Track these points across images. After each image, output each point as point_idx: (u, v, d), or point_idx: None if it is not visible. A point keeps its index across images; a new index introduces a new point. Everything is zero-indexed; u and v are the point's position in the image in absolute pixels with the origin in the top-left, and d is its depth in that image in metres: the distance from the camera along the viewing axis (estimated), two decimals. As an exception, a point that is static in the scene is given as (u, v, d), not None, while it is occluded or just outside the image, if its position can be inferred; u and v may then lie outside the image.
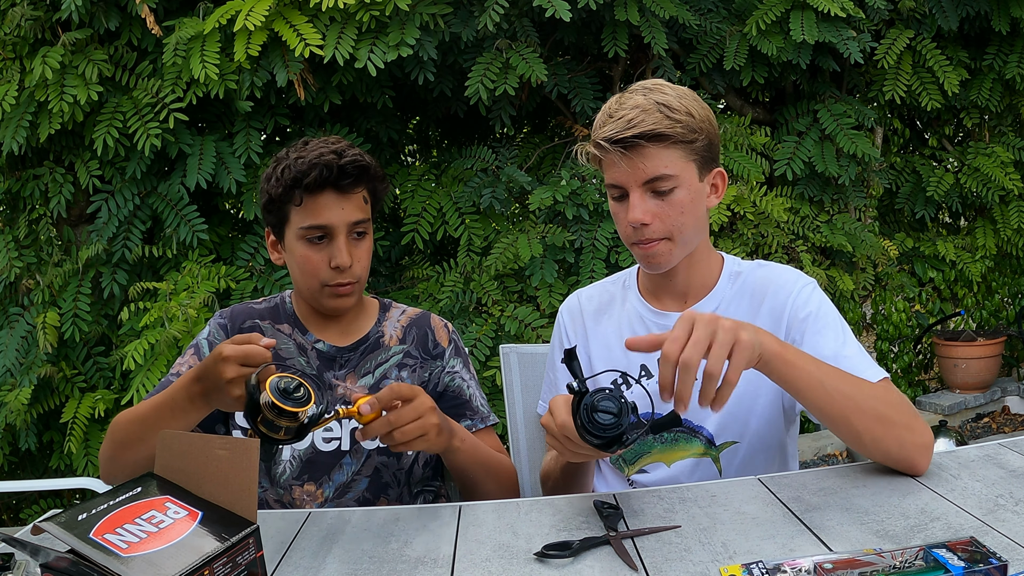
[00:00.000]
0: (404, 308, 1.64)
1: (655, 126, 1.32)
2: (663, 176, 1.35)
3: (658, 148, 1.34)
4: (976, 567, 0.83)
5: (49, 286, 3.44)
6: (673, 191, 1.36)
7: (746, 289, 1.47)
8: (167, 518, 0.97)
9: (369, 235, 1.51)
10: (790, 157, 3.90)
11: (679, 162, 1.35)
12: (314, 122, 3.54)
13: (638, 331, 1.50)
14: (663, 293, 1.51)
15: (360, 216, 1.46)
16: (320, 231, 1.44)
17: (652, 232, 1.37)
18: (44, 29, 3.30)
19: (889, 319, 4.54)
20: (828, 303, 1.42)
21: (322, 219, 1.44)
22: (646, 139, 1.33)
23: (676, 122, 1.34)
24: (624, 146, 1.33)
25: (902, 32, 4.03)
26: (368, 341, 1.56)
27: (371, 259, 1.54)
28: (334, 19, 3.06)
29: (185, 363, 1.53)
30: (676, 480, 1.47)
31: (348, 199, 1.45)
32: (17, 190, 3.54)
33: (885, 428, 1.19)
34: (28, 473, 3.75)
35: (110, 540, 0.91)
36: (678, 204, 1.37)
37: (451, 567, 1.04)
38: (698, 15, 3.71)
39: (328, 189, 1.43)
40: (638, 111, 1.33)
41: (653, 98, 1.35)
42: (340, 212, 1.44)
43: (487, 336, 3.34)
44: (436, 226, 3.61)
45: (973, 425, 4.59)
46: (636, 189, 1.36)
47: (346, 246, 1.45)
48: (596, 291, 1.62)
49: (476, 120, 4.02)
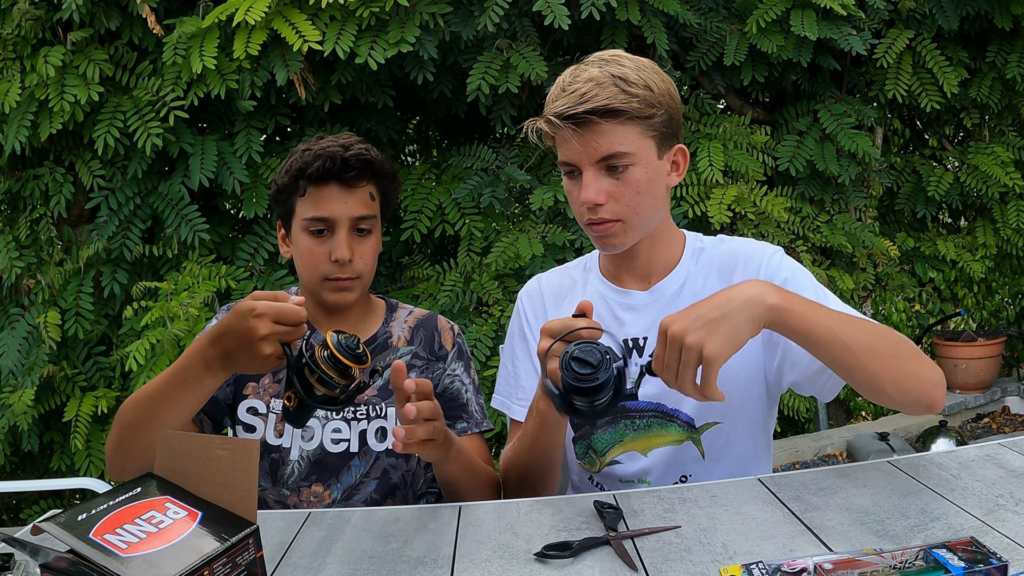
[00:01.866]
0: (411, 309, 1.63)
1: (609, 101, 1.25)
2: (617, 154, 1.28)
3: (612, 124, 1.27)
4: (976, 567, 0.83)
5: (50, 286, 3.44)
6: (628, 169, 1.29)
7: (713, 263, 1.43)
8: (167, 518, 0.96)
9: (375, 232, 1.50)
10: (791, 156, 3.90)
11: (635, 139, 1.28)
12: (314, 122, 3.54)
13: (601, 312, 1.44)
14: (624, 274, 1.46)
15: (364, 212, 1.46)
16: (322, 223, 1.44)
17: (606, 212, 1.31)
18: (44, 29, 3.30)
19: (889, 319, 4.54)
20: (799, 266, 1.39)
21: (324, 211, 1.43)
22: (599, 115, 1.26)
23: (632, 96, 1.26)
24: (575, 122, 1.26)
25: (902, 32, 4.03)
26: (377, 341, 1.55)
27: (376, 258, 1.52)
28: (334, 17, 3.06)
29: None
30: (655, 469, 1.43)
31: (352, 193, 1.44)
32: (17, 190, 3.54)
33: (900, 366, 1.18)
34: (28, 473, 3.75)
35: (110, 540, 0.91)
36: (633, 183, 1.30)
37: (451, 567, 1.04)
38: (698, 14, 3.71)
39: (332, 182, 1.43)
40: (592, 84, 1.26)
41: (609, 70, 1.28)
42: (343, 206, 1.44)
43: (487, 336, 3.34)
44: (435, 223, 3.60)
45: (973, 425, 4.59)
46: (589, 167, 1.30)
47: (347, 240, 1.44)
48: (557, 275, 1.57)
49: (476, 120, 4.01)
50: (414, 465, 1.53)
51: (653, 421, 1.42)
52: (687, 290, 1.41)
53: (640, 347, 1.42)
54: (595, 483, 1.50)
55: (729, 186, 3.62)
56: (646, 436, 1.43)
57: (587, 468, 1.50)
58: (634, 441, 1.43)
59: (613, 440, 1.45)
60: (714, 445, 1.41)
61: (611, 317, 1.45)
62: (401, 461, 1.50)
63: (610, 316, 1.45)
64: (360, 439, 1.48)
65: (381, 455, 1.49)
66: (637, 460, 1.44)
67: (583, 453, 1.49)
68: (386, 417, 1.50)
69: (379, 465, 1.49)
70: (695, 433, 1.41)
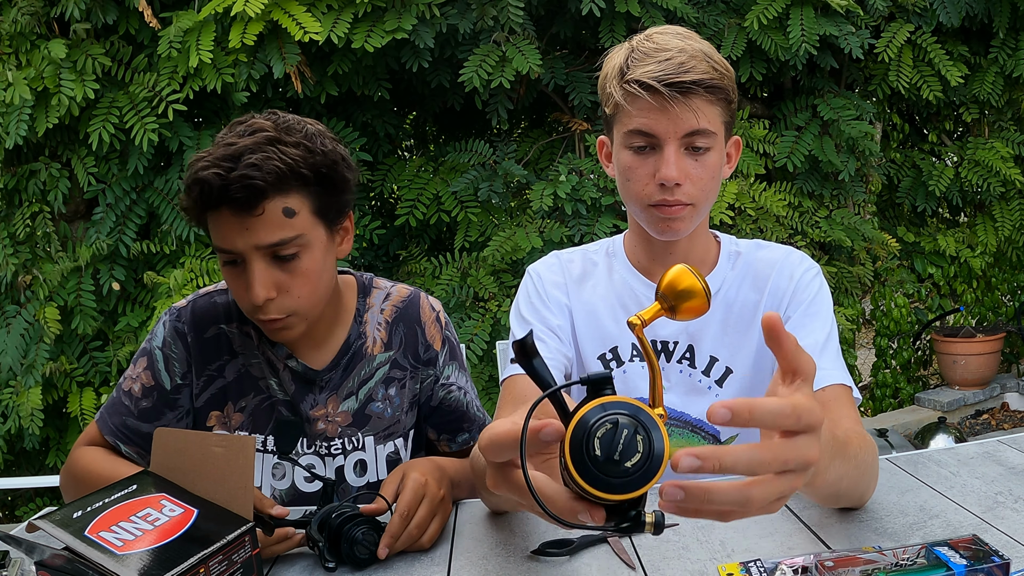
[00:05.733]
0: (388, 290, 1.40)
1: (707, 75, 1.16)
2: (704, 131, 1.18)
3: (706, 100, 1.17)
4: (978, 565, 0.82)
5: (47, 282, 3.43)
6: (707, 152, 1.20)
7: (748, 270, 1.34)
8: (163, 515, 0.96)
9: (308, 252, 1.18)
10: (790, 151, 3.89)
11: (717, 120, 1.20)
12: (311, 115, 3.51)
13: (629, 305, 1.34)
14: (658, 268, 1.33)
15: (277, 237, 1.14)
16: (229, 255, 1.16)
17: (681, 194, 1.20)
18: (41, 24, 3.29)
19: (889, 315, 4.54)
20: (828, 295, 1.33)
21: (225, 242, 1.15)
22: (703, 87, 1.16)
23: (723, 75, 1.19)
24: (678, 90, 1.15)
25: (902, 26, 4.03)
26: (349, 353, 1.33)
27: (324, 278, 1.22)
28: (331, 7, 3.05)
29: (137, 376, 1.31)
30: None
31: (254, 219, 1.12)
32: (13, 186, 3.53)
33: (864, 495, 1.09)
34: (25, 470, 3.74)
35: (105, 538, 0.91)
36: (711, 167, 1.21)
37: (448, 565, 1.03)
38: (696, 8, 3.71)
39: (223, 207, 1.13)
40: (686, 56, 1.16)
41: (692, 44, 1.18)
42: (244, 235, 1.13)
43: (484, 331, 3.34)
44: (431, 211, 3.59)
45: (972, 422, 4.59)
46: (672, 142, 1.18)
47: (263, 274, 1.15)
48: (577, 255, 1.42)
49: (473, 115, 4.01)
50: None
51: (675, 431, 1.36)
52: (721, 297, 1.33)
53: (669, 351, 1.34)
54: None
55: (728, 182, 3.62)
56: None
57: None
58: None
59: None
60: None
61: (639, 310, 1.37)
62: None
63: (638, 309, 1.34)
64: (337, 476, 1.32)
65: (362, 489, 1.32)
66: None
67: None
68: (364, 448, 1.33)
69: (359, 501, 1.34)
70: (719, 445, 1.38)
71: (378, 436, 1.34)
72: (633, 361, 1.34)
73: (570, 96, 3.66)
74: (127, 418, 1.29)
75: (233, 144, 1.13)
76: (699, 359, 1.34)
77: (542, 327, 1.34)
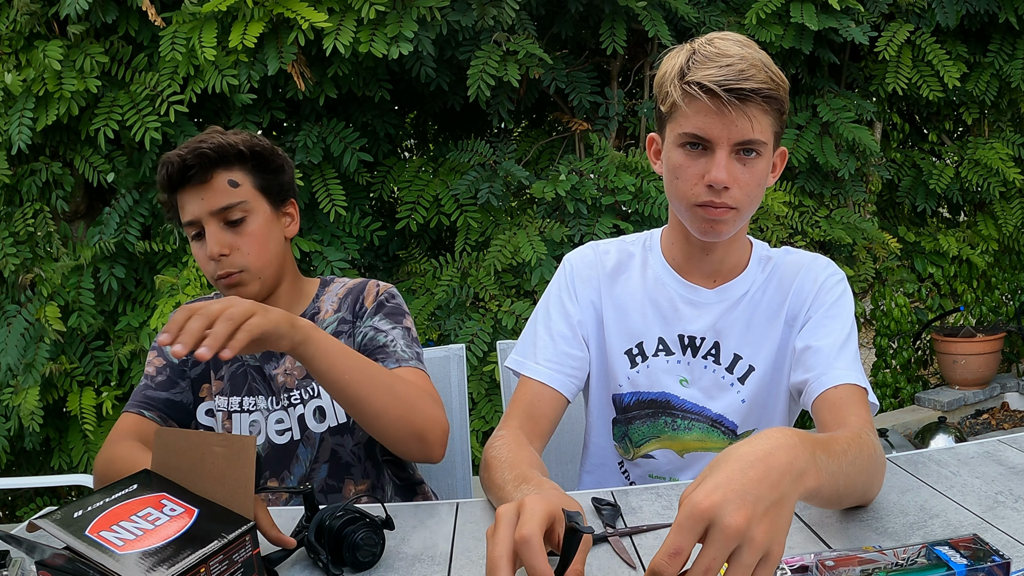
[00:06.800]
0: (346, 281, 1.58)
1: (765, 85, 1.20)
2: (755, 141, 1.22)
3: (761, 109, 1.21)
4: (978, 565, 0.82)
5: (47, 281, 3.43)
6: (756, 159, 1.24)
7: (775, 275, 1.39)
8: (163, 515, 0.96)
9: (255, 217, 1.43)
10: (790, 150, 3.89)
11: (768, 130, 1.23)
12: (311, 116, 3.53)
13: (659, 300, 1.40)
14: (693, 267, 1.39)
15: (225, 201, 1.40)
16: (194, 227, 1.42)
17: (728, 197, 1.23)
18: (40, 23, 3.29)
19: (889, 314, 4.54)
20: (850, 301, 1.36)
21: (188, 214, 1.42)
22: (761, 96, 1.19)
23: (779, 86, 1.22)
24: (737, 96, 1.18)
25: (902, 25, 4.03)
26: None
27: (271, 244, 1.45)
28: (333, 10, 3.05)
29: (151, 362, 1.53)
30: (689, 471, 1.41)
31: (206, 187, 1.40)
32: (14, 185, 3.53)
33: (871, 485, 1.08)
34: (26, 470, 3.74)
35: (106, 537, 0.91)
36: (758, 174, 1.25)
37: (448, 564, 1.03)
38: (696, 8, 3.71)
39: (186, 185, 1.41)
40: (747, 64, 1.19)
41: (752, 53, 1.21)
42: (200, 203, 1.40)
43: (484, 332, 3.34)
44: (432, 214, 3.59)
45: (972, 421, 4.59)
46: (725, 147, 1.21)
47: (216, 235, 1.40)
48: (613, 246, 1.47)
49: (473, 115, 4.00)
50: (362, 437, 1.48)
51: (695, 424, 1.40)
52: (749, 298, 1.38)
53: (696, 347, 1.39)
54: (623, 470, 1.48)
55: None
56: (685, 437, 1.41)
57: (621, 453, 1.47)
58: (671, 440, 1.41)
59: (650, 434, 1.42)
60: None
61: (670, 307, 1.40)
62: (347, 438, 1.47)
63: (669, 305, 1.39)
64: (300, 424, 1.46)
65: (325, 435, 1.46)
66: (673, 459, 1.42)
67: (620, 437, 1.46)
68: (320, 396, 1.47)
69: (325, 447, 1.47)
70: (737, 440, 1.40)
71: None
72: (658, 356, 1.40)
73: (570, 96, 3.66)
74: (147, 391, 1.50)
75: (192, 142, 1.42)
76: (724, 356, 1.38)
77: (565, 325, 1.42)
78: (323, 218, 3.46)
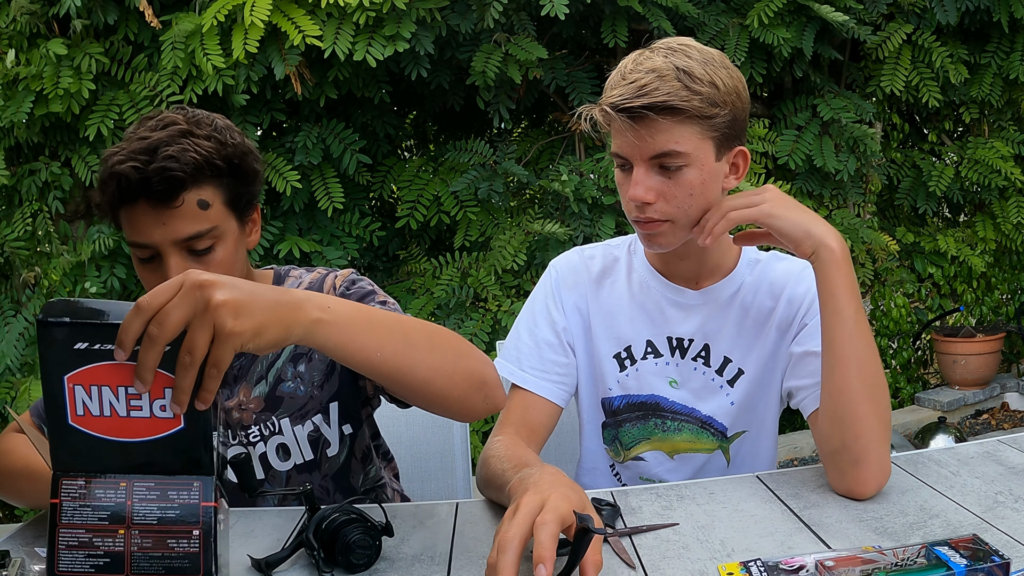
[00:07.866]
0: (301, 278, 1.36)
1: (668, 97, 1.16)
2: (671, 152, 1.19)
3: (670, 122, 1.18)
4: (978, 565, 0.82)
5: (47, 278, 3.43)
6: (682, 170, 1.21)
7: (765, 278, 1.37)
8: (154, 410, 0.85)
9: (222, 244, 1.19)
10: (790, 151, 3.89)
11: (693, 139, 1.19)
12: (310, 117, 3.53)
13: (647, 305, 1.39)
14: (672, 270, 1.38)
15: (192, 229, 1.14)
16: (144, 250, 1.16)
17: (654, 212, 1.23)
18: (39, 23, 3.29)
19: (889, 315, 4.54)
20: None
21: (141, 236, 1.14)
22: (656, 111, 1.16)
23: (695, 94, 1.17)
24: (631, 115, 1.17)
25: (901, 25, 4.03)
26: None
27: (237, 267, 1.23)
28: (331, 15, 3.05)
29: None
30: (680, 473, 1.42)
31: (170, 212, 1.13)
32: (13, 185, 3.52)
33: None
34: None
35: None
36: (687, 185, 1.21)
37: (448, 565, 1.03)
38: (698, 7, 3.71)
39: (140, 200, 1.12)
40: (653, 76, 1.17)
41: (674, 61, 1.18)
42: (161, 229, 1.13)
43: (484, 332, 3.34)
44: (432, 212, 3.59)
45: (972, 422, 4.58)
46: (641, 163, 1.21)
47: (179, 268, 1.13)
48: (599, 251, 1.46)
49: (473, 115, 4.00)
50: (330, 469, 1.36)
51: (685, 426, 1.40)
52: (738, 299, 1.37)
53: (684, 348, 1.39)
54: (615, 472, 1.48)
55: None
56: (675, 439, 1.41)
57: (611, 456, 1.47)
58: (661, 441, 1.41)
59: (640, 436, 1.42)
60: (739, 454, 1.41)
61: (656, 309, 1.39)
62: (314, 475, 1.34)
63: (655, 308, 1.39)
64: (263, 463, 1.31)
65: (291, 473, 1.32)
66: (663, 461, 1.43)
67: (611, 440, 1.46)
68: (282, 432, 1.32)
69: (292, 486, 1.32)
70: (725, 443, 1.41)
71: (293, 417, 1.33)
72: (646, 359, 1.40)
73: (570, 96, 3.66)
74: None
75: (147, 138, 1.13)
76: (714, 358, 1.38)
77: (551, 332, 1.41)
78: (323, 218, 3.46)
